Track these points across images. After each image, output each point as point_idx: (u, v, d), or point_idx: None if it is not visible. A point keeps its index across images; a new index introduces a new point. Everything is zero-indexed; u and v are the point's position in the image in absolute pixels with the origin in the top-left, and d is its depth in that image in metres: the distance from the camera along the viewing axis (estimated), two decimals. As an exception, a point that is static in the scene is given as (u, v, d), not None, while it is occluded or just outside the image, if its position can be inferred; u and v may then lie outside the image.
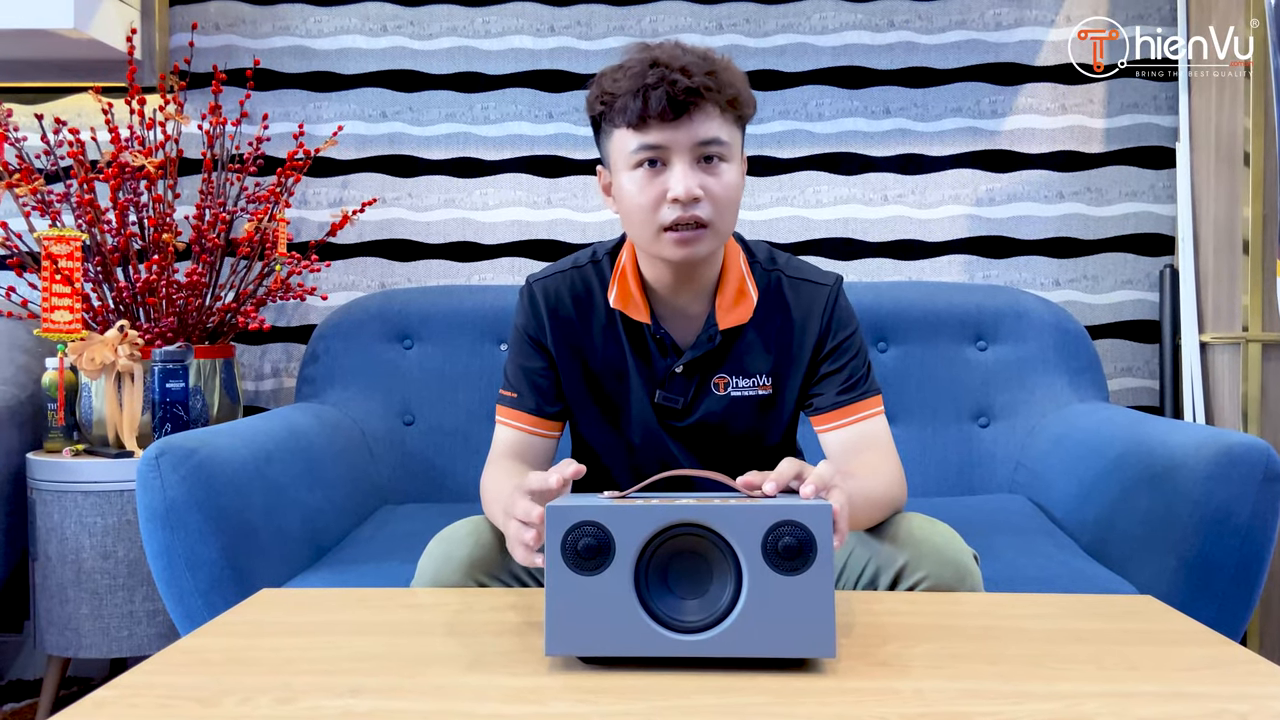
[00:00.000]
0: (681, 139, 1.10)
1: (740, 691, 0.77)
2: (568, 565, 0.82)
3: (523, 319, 1.28)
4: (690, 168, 1.10)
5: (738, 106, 1.12)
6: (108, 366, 1.92)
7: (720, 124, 1.11)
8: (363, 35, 2.39)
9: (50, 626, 1.86)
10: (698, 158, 1.11)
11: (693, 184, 1.10)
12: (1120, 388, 2.33)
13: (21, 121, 2.26)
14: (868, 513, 1.12)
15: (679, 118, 1.09)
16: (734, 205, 1.15)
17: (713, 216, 1.12)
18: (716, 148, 1.11)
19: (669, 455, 1.27)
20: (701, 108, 1.09)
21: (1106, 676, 0.82)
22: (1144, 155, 2.33)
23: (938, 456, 2.08)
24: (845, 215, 2.36)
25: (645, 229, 1.14)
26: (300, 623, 1.00)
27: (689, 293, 1.22)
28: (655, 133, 1.10)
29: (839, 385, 1.22)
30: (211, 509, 1.47)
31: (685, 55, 1.09)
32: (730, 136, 1.12)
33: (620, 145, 1.13)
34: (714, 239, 1.14)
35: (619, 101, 1.10)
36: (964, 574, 1.09)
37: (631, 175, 1.13)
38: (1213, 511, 1.46)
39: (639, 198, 1.12)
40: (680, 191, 1.09)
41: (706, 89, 1.08)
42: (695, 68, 1.08)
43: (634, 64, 1.10)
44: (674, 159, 1.10)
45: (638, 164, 1.12)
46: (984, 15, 2.34)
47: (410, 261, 2.39)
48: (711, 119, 1.10)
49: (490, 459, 1.25)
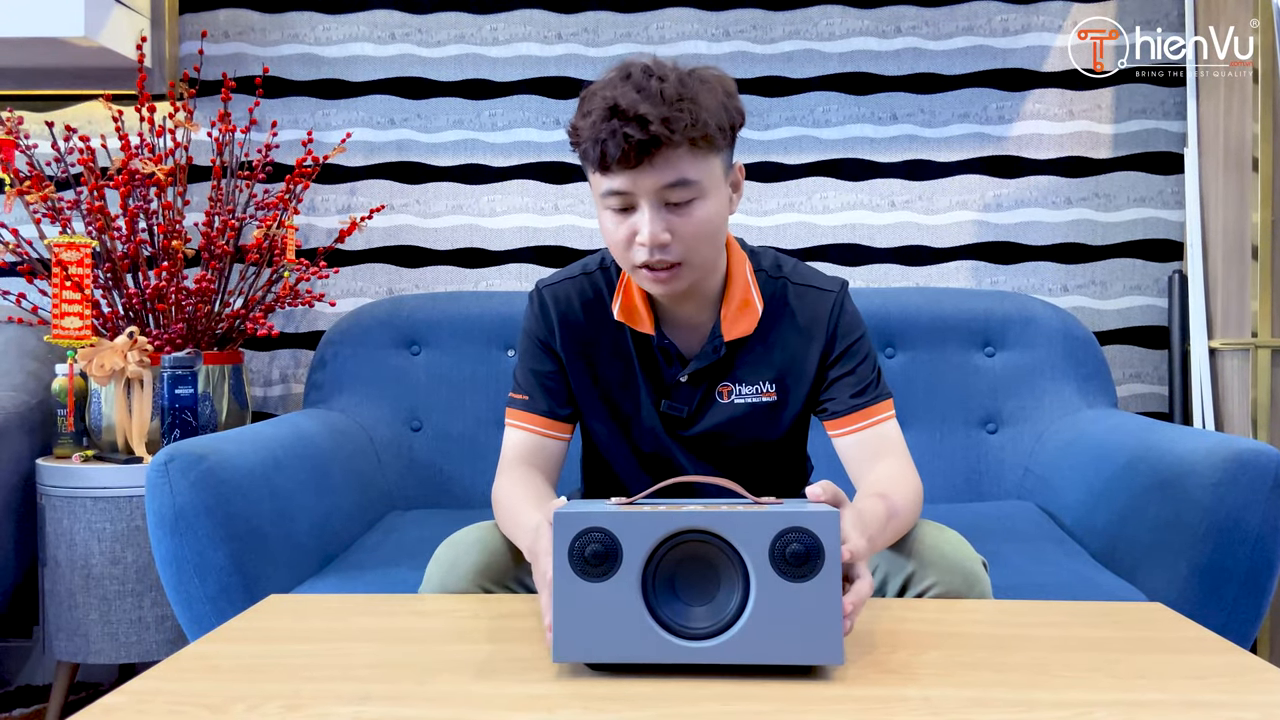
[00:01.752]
0: (645, 184, 1.07)
1: (748, 699, 0.77)
2: (575, 571, 0.82)
3: (532, 324, 1.28)
4: (656, 211, 1.08)
5: (708, 142, 1.08)
6: (117, 373, 1.93)
7: (690, 162, 1.07)
8: (371, 43, 2.39)
9: (59, 632, 1.87)
10: (663, 200, 1.08)
11: (658, 229, 1.08)
12: (1129, 394, 2.32)
13: (32, 129, 2.27)
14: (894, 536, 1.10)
15: (640, 164, 1.06)
16: (710, 238, 1.12)
17: (684, 255, 1.10)
18: (683, 189, 1.08)
19: (676, 462, 1.27)
20: (662, 153, 1.05)
21: (1116, 684, 0.81)
22: (1152, 161, 2.32)
23: (945, 463, 2.07)
24: (852, 221, 2.36)
25: (624, 263, 1.15)
26: (309, 629, 1.00)
27: (692, 305, 1.22)
28: (619, 178, 1.08)
29: (851, 390, 1.22)
30: (220, 515, 1.48)
31: (645, 99, 1.04)
32: (701, 173, 1.08)
33: (594, 182, 1.12)
34: (690, 274, 1.14)
35: (583, 146, 1.09)
36: (973, 581, 1.09)
37: (607, 214, 1.13)
38: (1223, 518, 1.45)
39: (613, 235, 1.12)
40: (645, 238, 1.08)
41: (665, 136, 1.04)
42: (654, 114, 1.03)
43: (598, 106, 1.06)
44: (640, 202, 1.08)
45: (609, 205, 1.11)
46: (991, 21, 2.34)
47: (418, 268, 2.39)
48: (677, 160, 1.06)
49: (501, 465, 1.25)
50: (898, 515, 1.08)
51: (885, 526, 1.05)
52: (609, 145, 1.05)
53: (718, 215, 1.12)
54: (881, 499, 1.07)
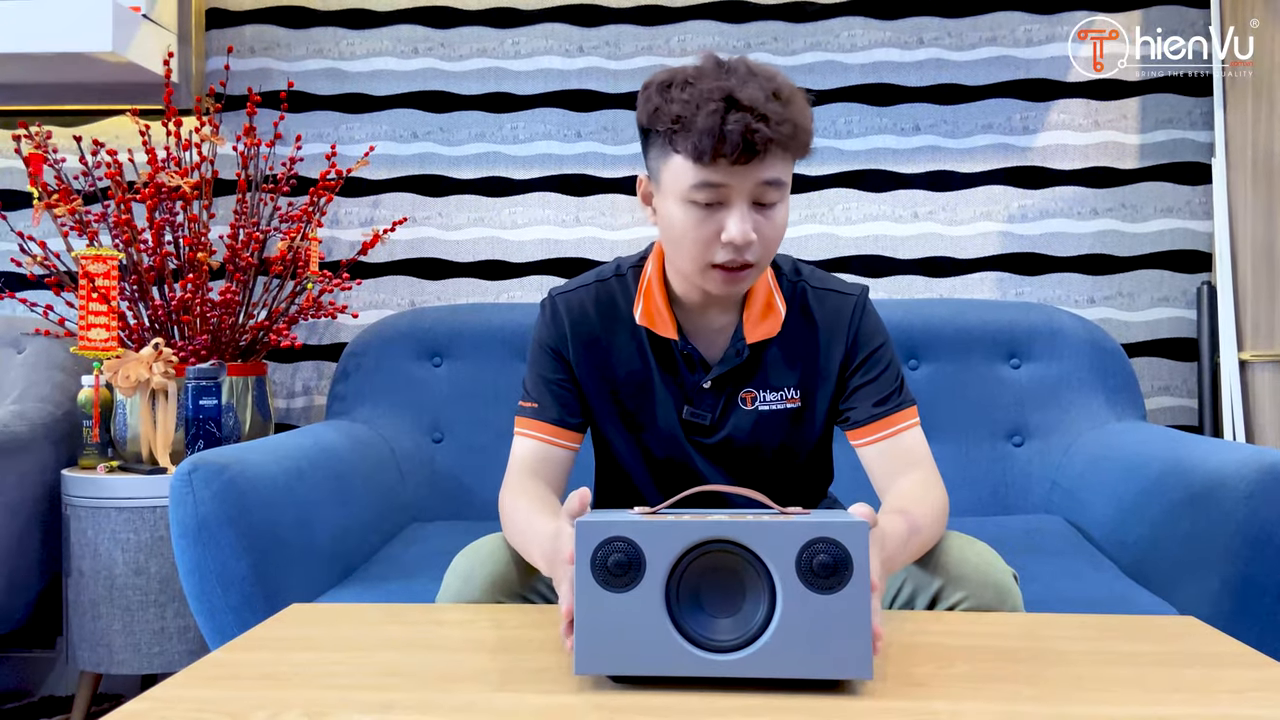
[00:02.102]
0: (746, 181, 1.06)
1: (774, 712, 0.76)
2: (597, 581, 0.81)
3: (544, 332, 1.27)
4: (747, 210, 1.07)
5: (799, 146, 1.08)
6: (142, 384, 1.94)
7: (783, 164, 1.08)
8: (394, 57, 2.41)
9: (82, 642, 1.88)
10: (754, 199, 1.08)
11: (748, 228, 1.07)
12: (1157, 407, 2.29)
13: (60, 143, 2.30)
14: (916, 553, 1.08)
15: (749, 160, 1.04)
16: (779, 243, 1.14)
17: (760, 257, 1.10)
18: (775, 189, 1.08)
19: (695, 470, 1.26)
20: (771, 152, 1.05)
21: (1150, 698, 0.79)
22: (1179, 171, 2.30)
23: (971, 476, 2.05)
24: (875, 233, 2.34)
25: (693, 262, 1.12)
26: (329, 638, 1.00)
27: (717, 308, 1.21)
28: (720, 173, 1.05)
29: (873, 398, 1.20)
30: (243, 525, 1.48)
31: (765, 98, 1.03)
32: (788, 175, 1.09)
33: (676, 172, 1.08)
34: (756, 275, 1.14)
35: (686, 132, 1.04)
36: (1004, 595, 1.07)
37: (685, 207, 1.09)
38: (1255, 531, 1.43)
39: (692, 233, 1.09)
40: (736, 236, 1.07)
41: (779, 136, 1.03)
42: (775, 113, 1.03)
43: (710, 93, 1.03)
44: (733, 199, 1.07)
45: (694, 199, 1.08)
46: (1014, 31, 2.33)
47: (440, 280, 2.40)
48: (775, 161, 1.06)
49: (508, 475, 1.23)
50: (919, 532, 1.06)
51: (905, 544, 1.03)
52: (728, 138, 1.02)
53: (786, 222, 1.13)
54: (902, 515, 1.04)
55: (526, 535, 1.10)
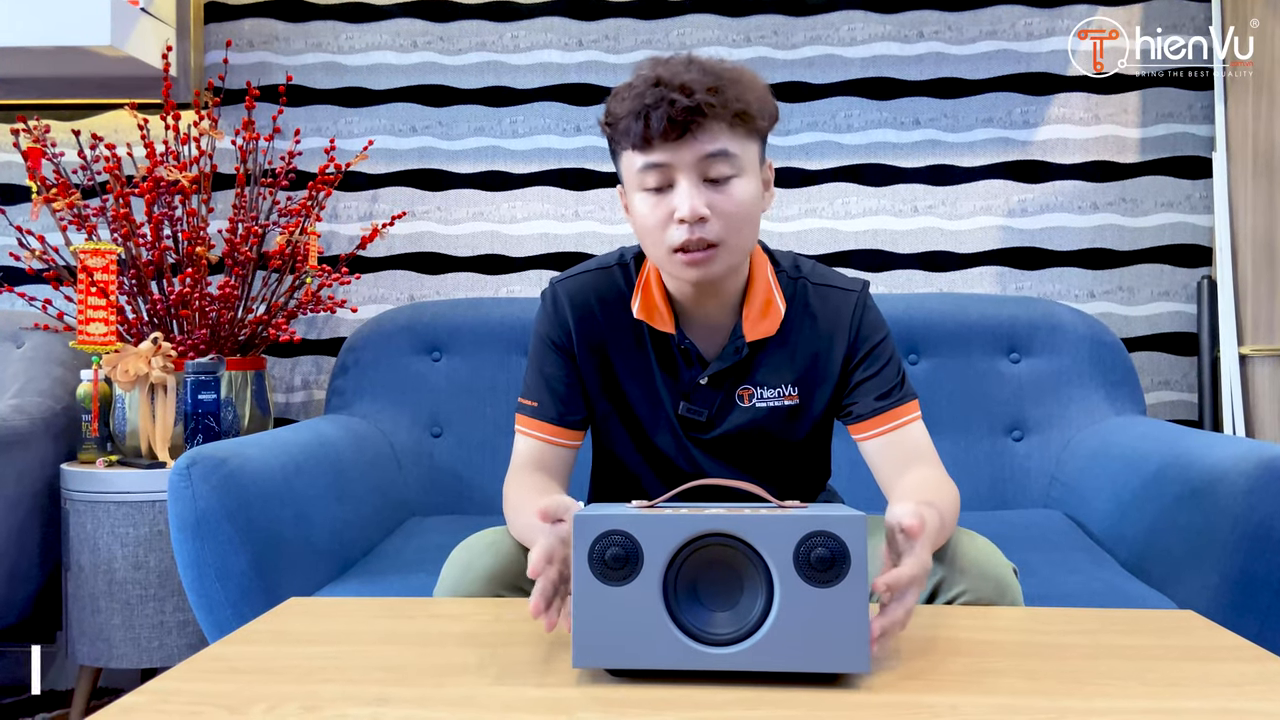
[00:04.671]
0: (685, 157, 1.07)
1: (771, 705, 0.76)
2: (595, 575, 0.80)
3: (545, 324, 1.26)
4: (696, 186, 1.07)
5: (748, 119, 1.08)
6: (141, 378, 1.94)
7: (729, 138, 1.07)
8: (393, 51, 2.41)
9: (82, 636, 1.88)
10: (704, 176, 1.08)
11: (698, 203, 1.07)
12: (1157, 401, 2.29)
13: (59, 138, 2.30)
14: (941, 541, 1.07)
15: (682, 136, 1.06)
16: (749, 220, 1.11)
17: (723, 235, 1.09)
18: (723, 163, 1.07)
19: (693, 464, 1.26)
20: (705, 124, 1.06)
21: (1149, 692, 0.79)
22: (1180, 165, 2.29)
23: (970, 470, 2.05)
24: (875, 227, 2.34)
25: (657, 249, 1.13)
26: (328, 631, 1.00)
27: (714, 304, 1.20)
28: (659, 152, 1.07)
29: (875, 392, 1.20)
30: (242, 519, 1.48)
31: (689, 71, 1.06)
32: (741, 149, 1.09)
33: (628, 166, 1.12)
34: (728, 257, 1.12)
35: (623, 123, 1.08)
36: (1004, 589, 1.07)
37: (641, 196, 1.11)
38: (1255, 526, 1.43)
39: (648, 219, 1.11)
40: (685, 211, 1.07)
41: (709, 105, 1.04)
42: (697, 84, 1.05)
43: (638, 83, 1.08)
44: (679, 177, 1.08)
45: (645, 185, 1.10)
46: (1015, 25, 2.32)
47: (439, 274, 2.40)
48: (717, 134, 1.07)
49: (511, 470, 1.23)
50: (945, 527, 1.05)
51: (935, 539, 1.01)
52: (652, 116, 1.05)
53: (755, 200, 1.11)
54: (933, 508, 1.02)
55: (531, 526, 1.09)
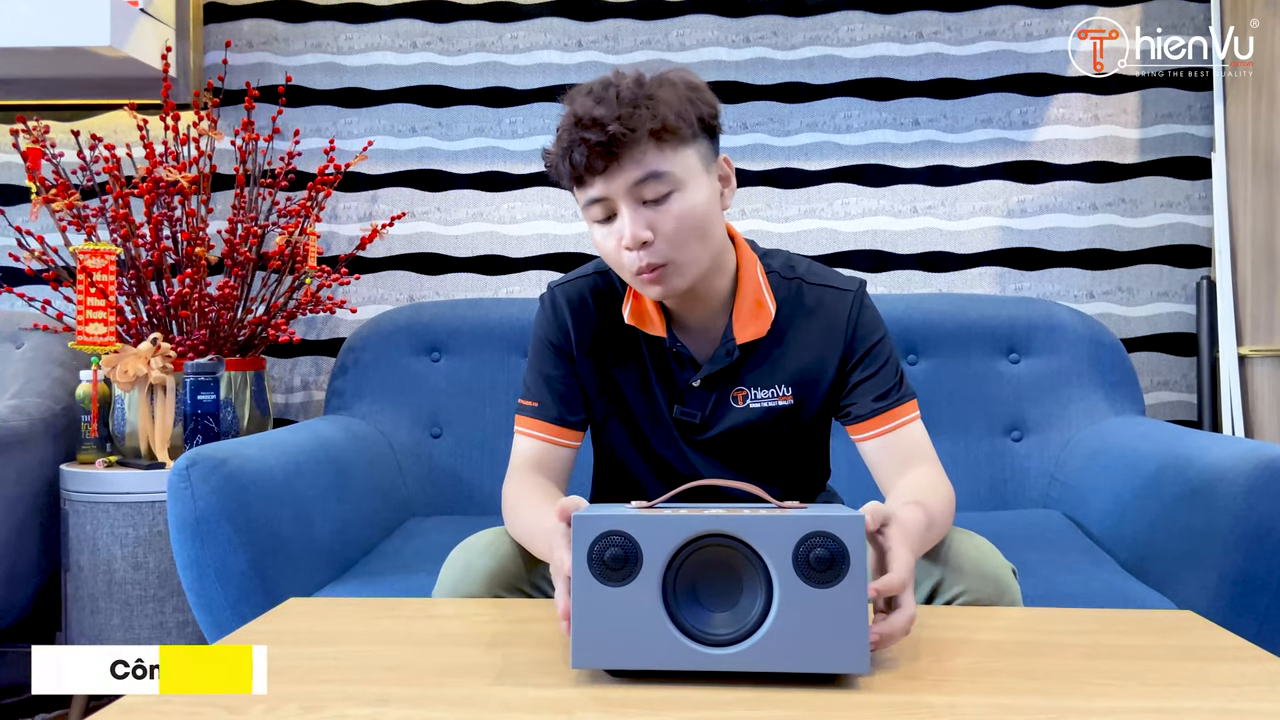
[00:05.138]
0: (616, 186, 1.08)
1: (770, 705, 0.76)
2: (594, 576, 0.80)
3: (544, 326, 1.26)
4: (635, 211, 1.08)
5: (670, 132, 1.07)
6: (140, 379, 1.94)
7: (656, 157, 1.07)
8: (393, 52, 2.41)
9: (81, 637, 1.88)
10: (640, 200, 1.08)
11: (638, 229, 1.07)
12: (1156, 401, 2.29)
13: (59, 138, 2.30)
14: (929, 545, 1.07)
15: (607, 168, 1.07)
16: (696, 231, 1.10)
17: (669, 254, 1.09)
18: (655, 183, 1.07)
19: (690, 466, 1.26)
20: (626, 152, 1.06)
21: (1148, 692, 0.79)
22: (1179, 165, 2.29)
23: (970, 471, 2.05)
24: (874, 227, 2.34)
25: (622, 273, 1.14)
26: (327, 632, 1.00)
27: (701, 308, 1.21)
28: (593, 187, 1.09)
29: (874, 393, 1.20)
30: (241, 520, 1.48)
31: (602, 105, 1.06)
32: (672, 165, 1.08)
33: (578, 200, 1.14)
34: (681, 273, 1.11)
35: (556, 165, 1.11)
36: (1003, 589, 1.07)
37: (594, 228, 1.13)
38: (1254, 526, 1.43)
39: (604, 248, 1.13)
40: (627, 240, 1.08)
41: (623, 134, 1.05)
42: (608, 116, 1.05)
43: (563, 123, 1.10)
44: (619, 206, 1.09)
45: (594, 218, 1.12)
46: (1014, 26, 2.33)
47: (438, 275, 2.40)
48: (641, 157, 1.06)
49: (510, 471, 1.23)
50: (935, 525, 1.05)
51: (924, 536, 1.02)
52: (574, 154, 1.07)
53: (700, 208, 1.10)
54: (919, 506, 1.03)
55: (530, 528, 1.10)
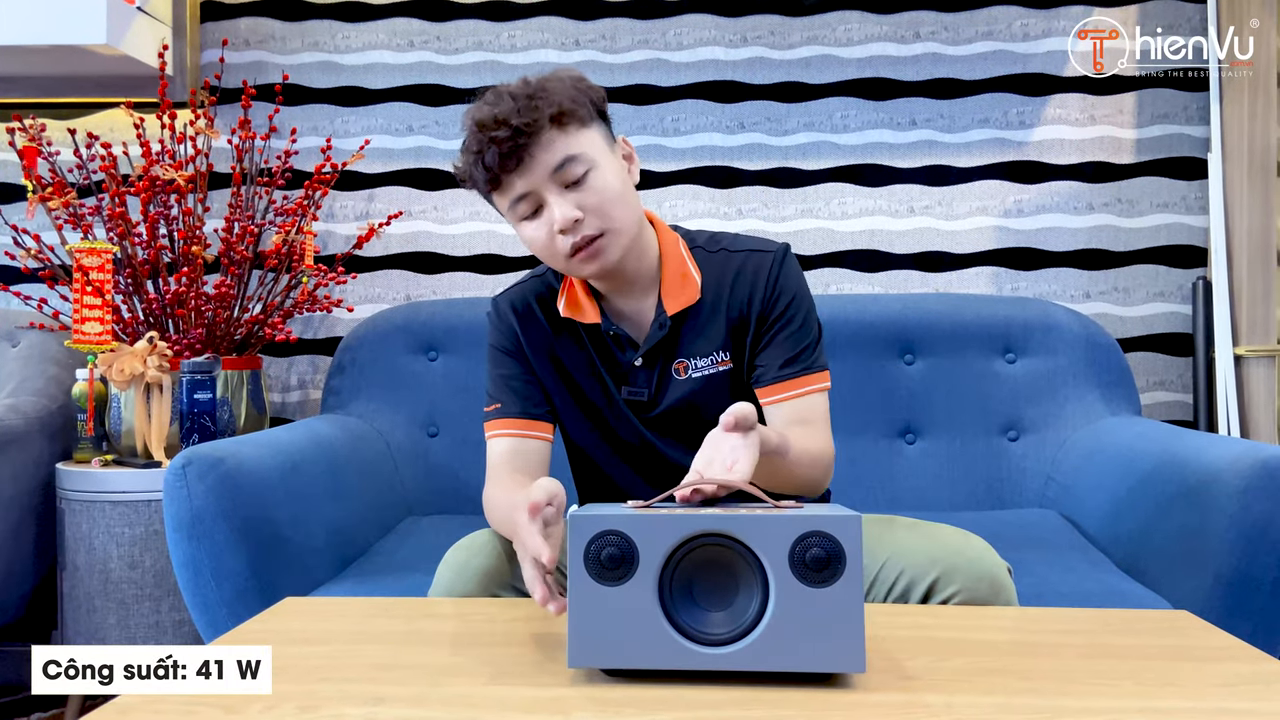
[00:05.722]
0: (536, 177, 1.12)
1: (766, 705, 0.76)
2: (591, 575, 0.81)
3: (495, 336, 1.30)
4: (560, 196, 1.13)
5: (569, 115, 1.13)
6: (137, 378, 1.94)
7: (563, 142, 1.13)
8: (390, 50, 2.40)
9: (77, 636, 1.87)
10: (562, 184, 1.13)
11: (567, 210, 1.12)
12: (1152, 401, 2.29)
13: (55, 136, 2.29)
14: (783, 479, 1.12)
15: (522, 161, 1.12)
16: (619, 201, 1.16)
17: (602, 225, 1.14)
18: (570, 165, 1.13)
19: (652, 446, 1.27)
20: (534, 141, 1.11)
21: (1143, 692, 0.80)
22: (1175, 166, 2.30)
23: (965, 470, 2.05)
24: (871, 227, 2.34)
25: (557, 261, 1.18)
26: (323, 631, 1.00)
27: (632, 290, 1.24)
28: (514, 185, 1.13)
29: (782, 358, 1.21)
30: (237, 519, 1.48)
31: (499, 105, 1.12)
32: (582, 146, 1.14)
33: (501, 206, 1.17)
34: (617, 240, 1.16)
35: (472, 175, 1.16)
36: (999, 589, 1.07)
37: (523, 225, 1.17)
38: (1249, 526, 1.43)
39: (538, 241, 1.16)
40: (560, 223, 1.12)
41: (527, 125, 1.10)
42: (508, 112, 1.11)
43: (467, 137, 1.15)
44: (544, 195, 1.13)
45: (521, 215, 1.16)
46: (1011, 26, 2.33)
47: (435, 274, 2.39)
48: (550, 144, 1.12)
49: (488, 475, 1.25)
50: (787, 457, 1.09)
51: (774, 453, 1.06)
52: (486, 158, 1.12)
53: (617, 181, 1.16)
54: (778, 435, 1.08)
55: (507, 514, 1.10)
